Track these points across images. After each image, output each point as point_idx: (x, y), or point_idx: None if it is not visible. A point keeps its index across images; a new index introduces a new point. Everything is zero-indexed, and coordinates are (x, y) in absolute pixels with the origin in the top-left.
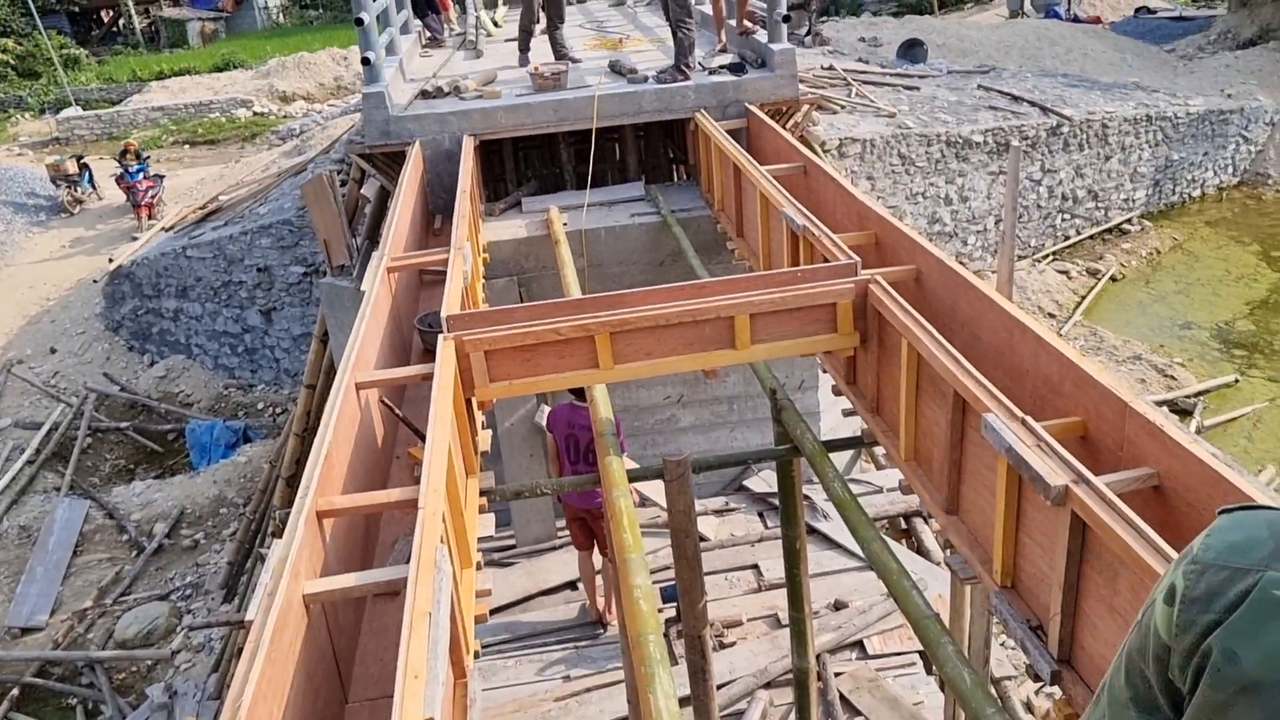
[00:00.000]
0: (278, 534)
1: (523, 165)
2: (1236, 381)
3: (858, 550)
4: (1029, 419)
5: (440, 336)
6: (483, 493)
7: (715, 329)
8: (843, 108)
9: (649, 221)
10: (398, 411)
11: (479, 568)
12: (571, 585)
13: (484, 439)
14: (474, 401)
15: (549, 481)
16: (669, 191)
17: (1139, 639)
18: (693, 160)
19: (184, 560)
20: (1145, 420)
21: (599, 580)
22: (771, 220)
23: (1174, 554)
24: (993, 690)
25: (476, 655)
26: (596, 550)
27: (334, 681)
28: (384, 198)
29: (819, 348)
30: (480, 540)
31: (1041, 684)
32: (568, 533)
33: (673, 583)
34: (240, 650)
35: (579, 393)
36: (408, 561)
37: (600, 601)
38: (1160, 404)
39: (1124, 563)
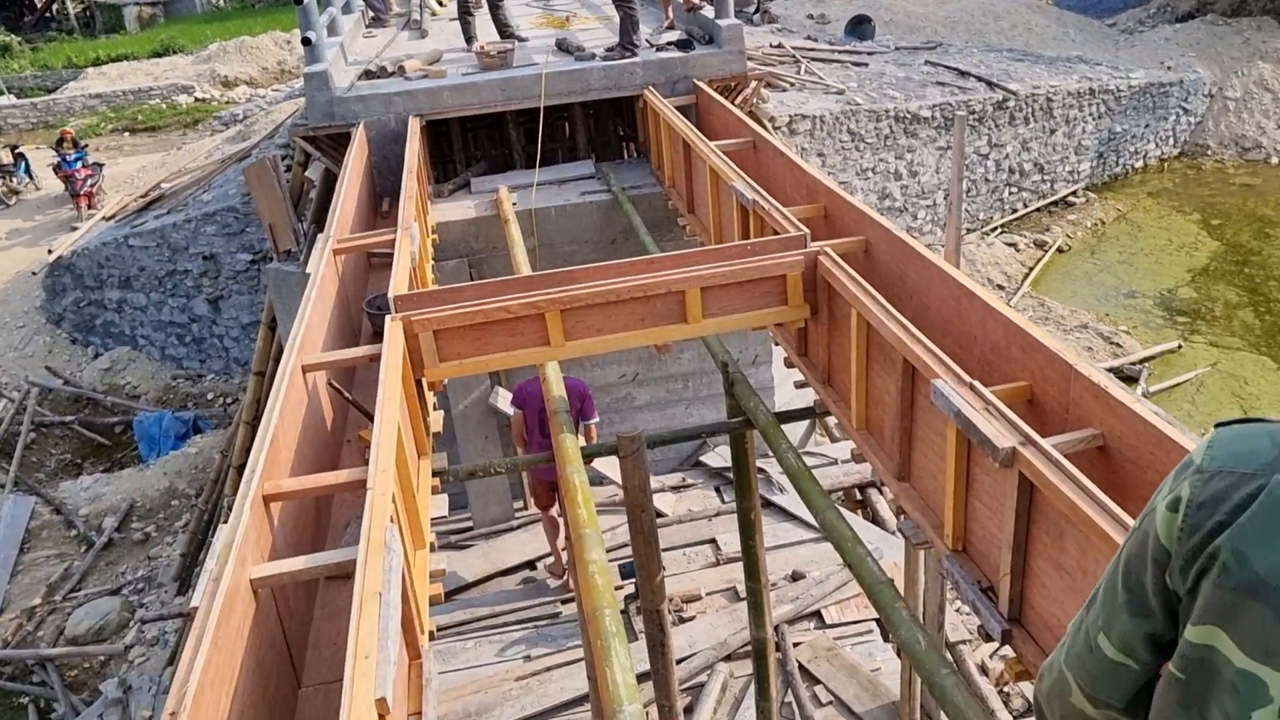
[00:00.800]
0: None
1: (471, 145)
2: (1180, 347)
3: (814, 522)
4: (977, 384)
5: (388, 317)
6: (436, 474)
7: (666, 304)
8: (792, 85)
9: (599, 199)
10: (346, 394)
11: (433, 549)
12: (530, 565)
13: (436, 420)
14: (424, 382)
15: (503, 461)
16: (619, 169)
17: (1136, 545)
18: (643, 137)
19: (135, 554)
20: (1090, 382)
21: (562, 538)
22: (721, 195)
23: (1120, 512)
24: (947, 653)
25: (432, 636)
26: (558, 510)
27: (286, 667)
28: (330, 181)
29: (770, 320)
30: (435, 522)
31: (995, 645)
32: (525, 514)
33: (631, 559)
34: None
35: None
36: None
37: (565, 556)
38: (1107, 371)
39: (1071, 521)
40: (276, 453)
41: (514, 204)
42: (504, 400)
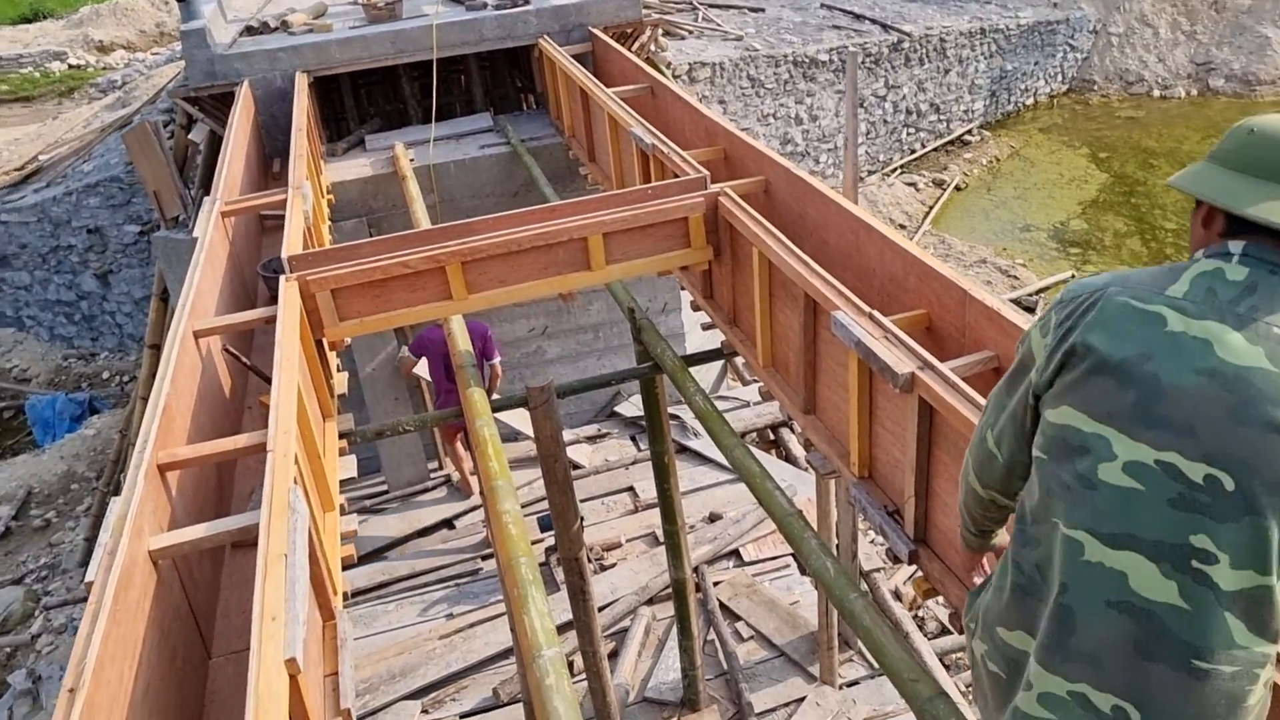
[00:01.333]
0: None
1: (364, 102)
2: (1073, 276)
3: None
4: (876, 314)
5: (282, 278)
6: (343, 435)
7: (569, 251)
8: (690, 33)
9: (499, 152)
10: (244, 359)
11: (343, 511)
12: (448, 524)
13: (340, 381)
14: (325, 343)
15: (412, 418)
16: (518, 121)
17: (1016, 363)
18: (540, 88)
19: (36, 541)
20: (984, 306)
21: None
22: (621, 142)
23: None
24: (860, 580)
25: (346, 597)
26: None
27: (194, 637)
28: (215, 143)
29: (674, 263)
30: (347, 486)
31: (907, 570)
32: (441, 473)
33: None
34: None
35: None
36: None
37: (467, 466)
38: (1008, 302)
39: (969, 440)
40: (170, 421)
41: (411, 160)
42: (421, 367)
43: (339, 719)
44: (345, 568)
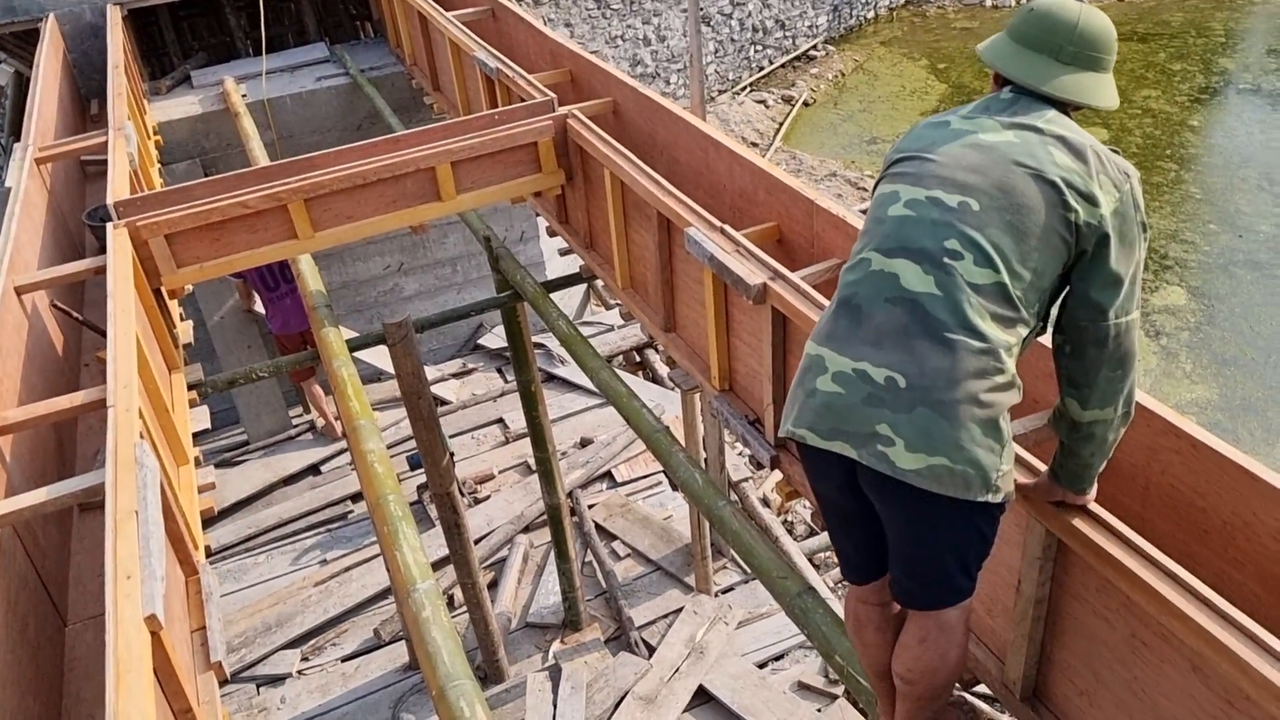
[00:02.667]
0: None
1: (187, 35)
2: None
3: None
4: (727, 228)
5: (110, 225)
6: (191, 386)
7: (417, 182)
8: None
9: (338, 84)
10: (75, 314)
11: (198, 463)
12: (314, 470)
13: (184, 330)
14: (164, 291)
15: (265, 364)
16: (356, 50)
17: None
18: (377, 15)
19: None
20: (830, 215)
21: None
22: (465, 68)
23: None
24: (729, 490)
25: (208, 551)
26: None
27: (45, 606)
28: (24, 85)
29: (527, 189)
30: (204, 438)
31: (768, 473)
32: (304, 419)
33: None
34: None
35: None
36: None
37: (330, 410)
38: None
39: None
40: None
41: (244, 96)
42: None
43: (209, 673)
44: (206, 521)
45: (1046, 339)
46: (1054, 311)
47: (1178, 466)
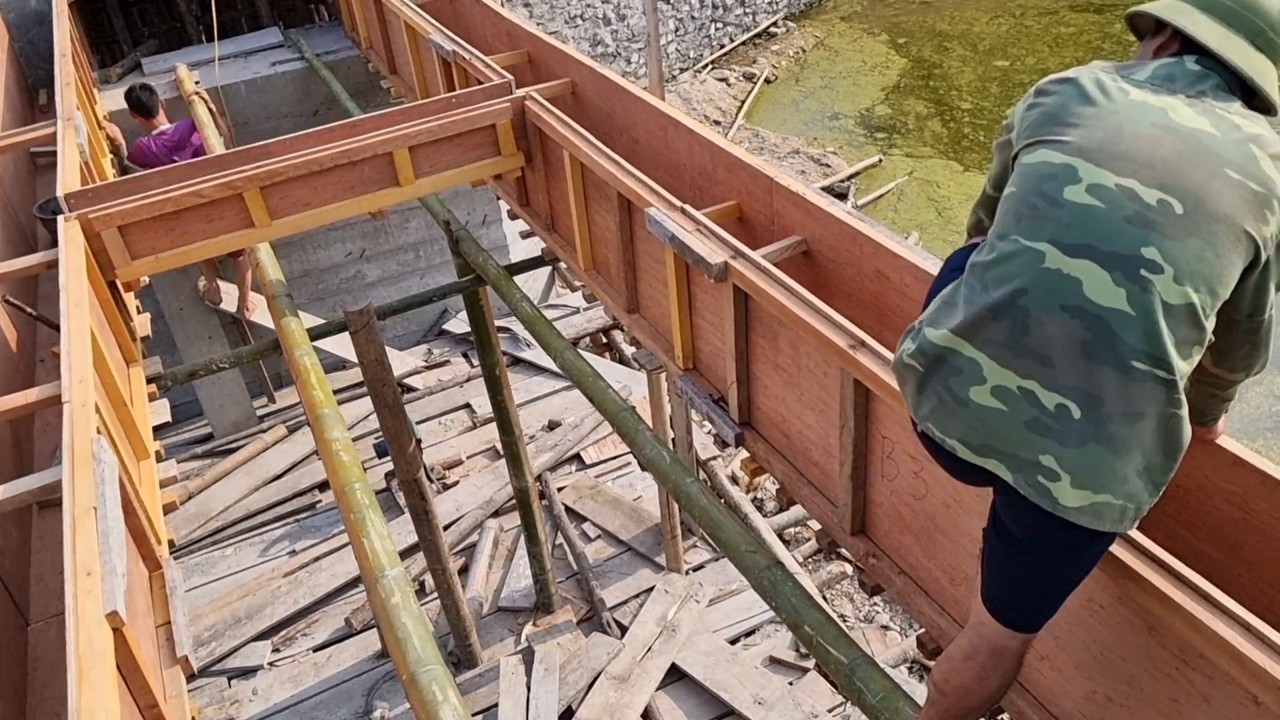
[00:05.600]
0: None
1: (136, 22)
2: (880, 161)
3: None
4: (688, 207)
5: (61, 218)
6: (151, 379)
7: (375, 168)
8: None
9: (293, 69)
10: (28, 309)
11: (160, 457)
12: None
13: (142, 324)
14: (119, 284)
15: (225, 355)
16: (311, 35)
17: (1001, 141)
18: None
19: None
20: (789, 192)
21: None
22: (422, 51)
23: (825, 308)
24: (697, 469)
25: (171, 545)
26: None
27: (6, 605)
28: None
29: (486, 172)
30: (167, 432)
31: (736, 451)
32: (269, 407)
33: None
34: None
35: (143, 113)
36: None
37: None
38: (820, 190)
39: (782, 323)
40: None
41: (197, 83)
42: (229, 299)
43: (176, 668)
44: (167, 513)
45: None
46: None
47: None
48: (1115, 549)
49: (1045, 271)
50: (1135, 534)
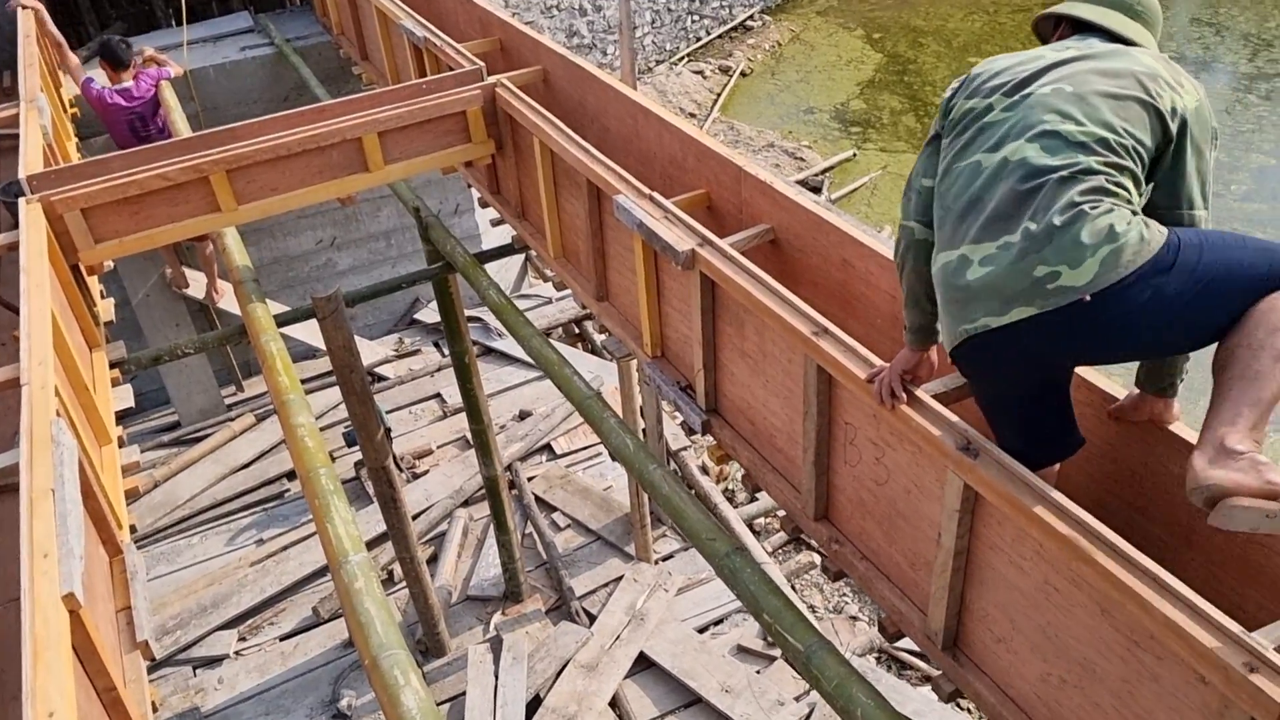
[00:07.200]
0: None
1: (104, 4)
2: (855, 155)
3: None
4: (656, 195)
5: (22, 200)
6: (114, 365)
7: (343, 153)
8: None
9: (263, 54)
10: None
11: (122, 443)
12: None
13: (105, 308)
14: (82, 268)
15: (191, 340)
16: (281, 20)
17: (931, 134)
18: None
19: None
20: (758, 181)
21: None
22: (393, 37)
23: (790, 296)
24: (668, 458)
25: (133, 530)
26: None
27: None
28: None
29: (456, 159)
30: (135, 419)
31: (701, 437)
32: (237, 396)
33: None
34: None
35: (114, 64)
36: None
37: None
38: (794, 184)
39: (748, 310)
40: None
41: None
42: (196, 285)
43: (136, 653)
44: (130, 499)
45: None
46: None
47: (1090, 419)
48: (1070, 532)
49: (986, 169)
50: (1089, 518)
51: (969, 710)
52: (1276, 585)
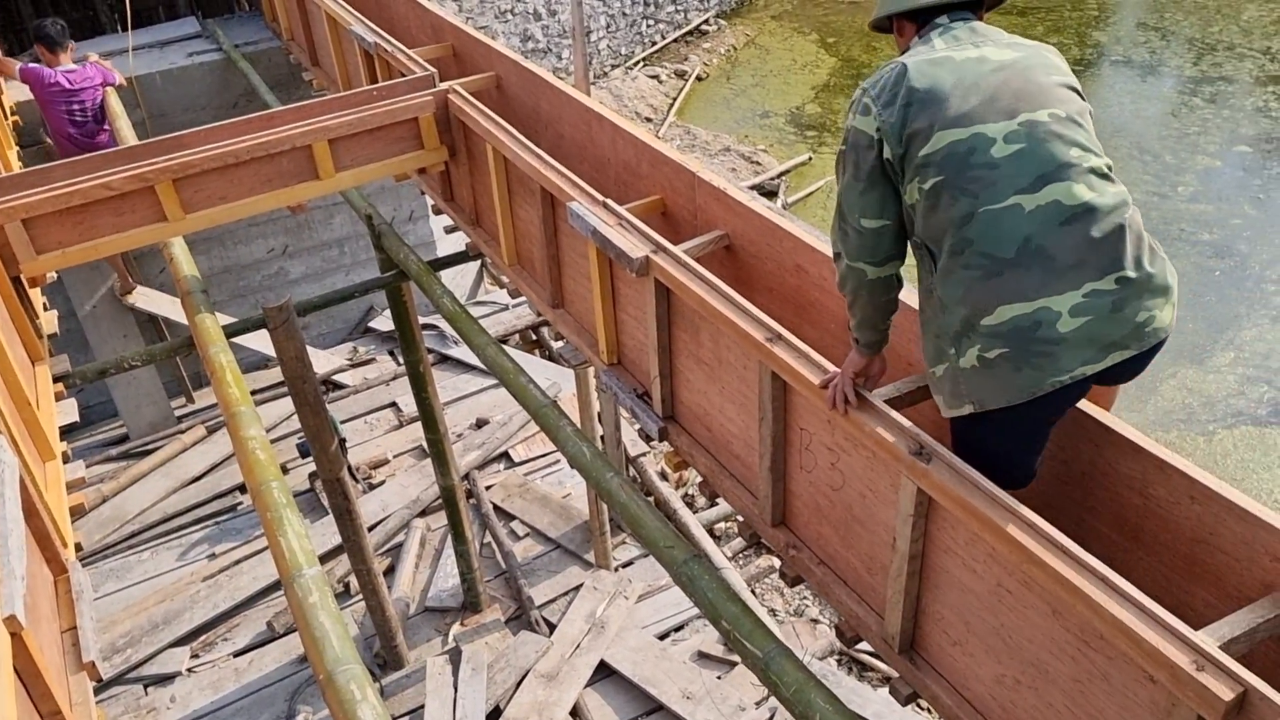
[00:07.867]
0: None
1: (47, 9)
2: (810, 159)
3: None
4: (610, 201)
5: None
6: (59, 379)
7: (294, 160)
8: None
9: (211, 60)
10: None
11: (67, 459)
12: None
13: (49, 321)
14: (23, 280)
15: (138, 352)
16: (230, 25)
17: (851, 157)
18: None
19: None
20: (712, 188)
21: None
22: (344, 42)
23: (744, 302)
24: (626, 466)
25: (78, 548)
26: None
27: None
28: None
29: (409, 166)
30: (80, 434)
31: (659, 443)
32: (187, 408)
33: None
34: None
35: (49, 45)
36: None
37: None
38: (751, 189)
39: (703, 317)
40: None
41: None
42: (152, 300)
43: (82, 674)
44: (75, 516)
45: (905, 295)
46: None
47: None
48: (1021, 535)
49: (1028, 214)
50: (1040, 521)
51: (928, 712)
52: (1223, 584)
